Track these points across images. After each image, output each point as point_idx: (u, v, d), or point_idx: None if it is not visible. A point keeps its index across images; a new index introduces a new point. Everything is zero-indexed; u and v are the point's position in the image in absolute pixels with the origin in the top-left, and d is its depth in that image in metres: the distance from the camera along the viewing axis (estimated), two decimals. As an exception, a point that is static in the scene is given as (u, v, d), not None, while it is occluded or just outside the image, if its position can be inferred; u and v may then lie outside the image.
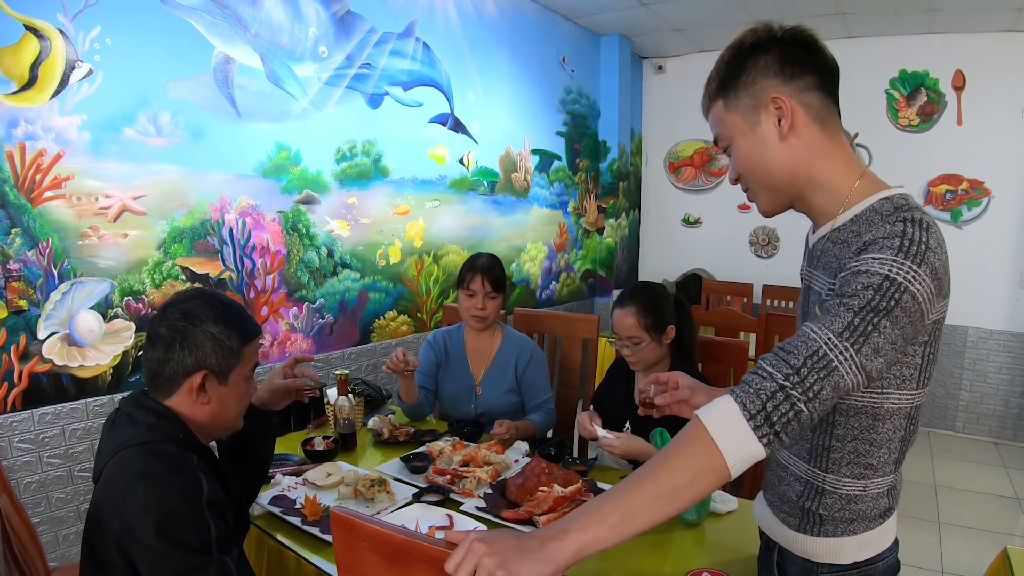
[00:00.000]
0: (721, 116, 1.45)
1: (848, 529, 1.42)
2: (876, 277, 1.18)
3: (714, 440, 1.16)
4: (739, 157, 1.44)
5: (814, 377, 1.16)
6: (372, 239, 4.50)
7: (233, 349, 1.65)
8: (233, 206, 3.64)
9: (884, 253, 1.19)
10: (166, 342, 1.59)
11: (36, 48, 2.85)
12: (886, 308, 1.17)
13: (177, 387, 1.61)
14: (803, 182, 1.41)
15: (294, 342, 4.05)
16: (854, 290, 1.20)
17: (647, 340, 2.69)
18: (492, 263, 3.13)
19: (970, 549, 4.10)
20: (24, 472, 2.93)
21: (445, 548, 1.06)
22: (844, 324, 1.18)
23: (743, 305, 6.24)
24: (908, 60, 6.21)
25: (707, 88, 1.47)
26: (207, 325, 1.61)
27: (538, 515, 2.03)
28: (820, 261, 1.43)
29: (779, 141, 1.38)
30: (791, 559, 1.52)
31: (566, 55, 6.46)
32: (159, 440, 1.51)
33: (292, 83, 3.87)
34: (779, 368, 1.18)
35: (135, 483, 1.41)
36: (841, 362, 1.17)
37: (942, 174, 6.18)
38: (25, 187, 2.86)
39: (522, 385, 3.19)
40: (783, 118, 1.36)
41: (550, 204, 6.38)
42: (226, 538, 1.45)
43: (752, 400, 1.17)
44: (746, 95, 1.39)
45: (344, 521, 1.17)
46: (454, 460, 2.50)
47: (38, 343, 2.94)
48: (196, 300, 1.66)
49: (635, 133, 7.52)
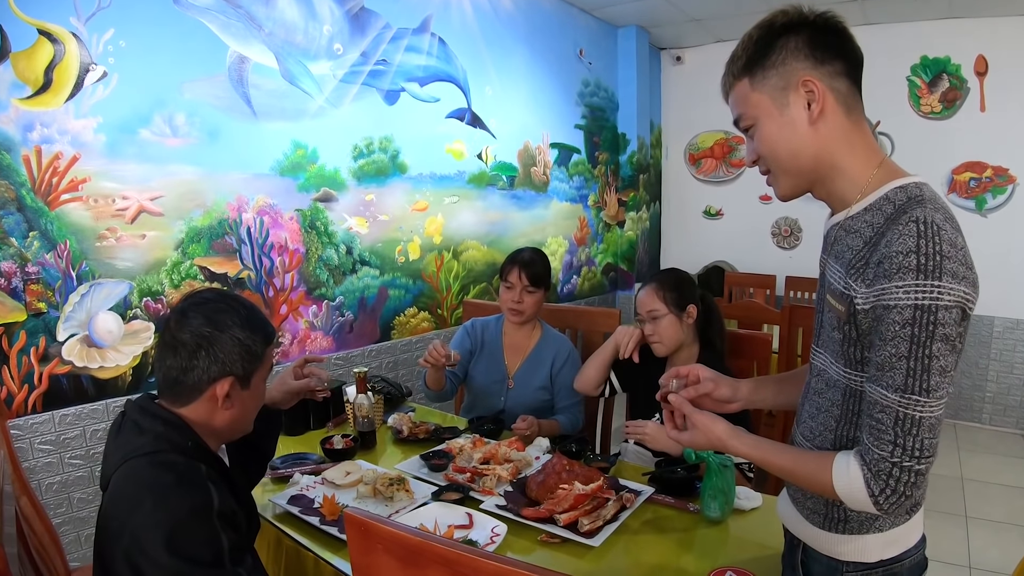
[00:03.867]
0: (746, 95, 1.42)
1: (874, 526, 1.39)
2: (907, 311, 1.20)
3: (837, 491, 1.32)
4: (763, 138, 1.42)
5: (911, 440, 1.23)
6: (391, 236, 4.49)
7: (257, 353, 1.61)
8: (250, 205, 3.64)
9: (906, 278, 1.19)
10: (191, 349, 1.52)
11: (50, 52, 2.85)
12: (930, 335, 1.19)
13: (199, 395, 1.55)
14: (826, 168, 1.39)
15: (314, 340, 4.05)
16: (894, 333, 1.22)
17: (665, 312, 2.68)
18: (533, 258, 3.12)
19: (997, 543, 4.04)
20: (45, 473, 2.94)
21: (460, 550, 1.04)
22: (904, 375, 1.22)
23: (766, 297, 6.19)
24: (929, 46, 6.11)
25: (731, 66, 1.44)
26: (234, 331, 1.56)
27: (559, 513, 2.00)
28: (833, 249, 1.42)
29: (808, 125, 1.36)
30: (816, 557, 1.49)
31: (583, 47, 6.42)
32: (166, 450, 1.46)
33: (307, 81, 3.86)
34: (883, 448, 1.25)
35: (143, 497, 1.36)
36: (922, 409, 1.22)
37: (966, 161, 6.07)
38: (42, 190, 2.87)
39: (555, 384, 3.16)
40: (814, 102, 1.34)
41: (570, 198, 6.35)
42: (238, 548, 1.42)
43: (875, 482, 1.26)
44: (775, 75, 1.37)
45: (359, 523, 1.15)
46: (474, 458, 2.47)
47: (58, 345, 2.95)
48: (218, 303, 1.60)
49: (654, 125, 7.46)
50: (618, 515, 2.07)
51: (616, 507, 2.07)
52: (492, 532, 1.97)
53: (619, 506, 2.09)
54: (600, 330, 3.40)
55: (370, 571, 1.15)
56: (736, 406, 1.81)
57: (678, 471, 2.31)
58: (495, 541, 1.92)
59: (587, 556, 1.92)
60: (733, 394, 1.80)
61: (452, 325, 4.99)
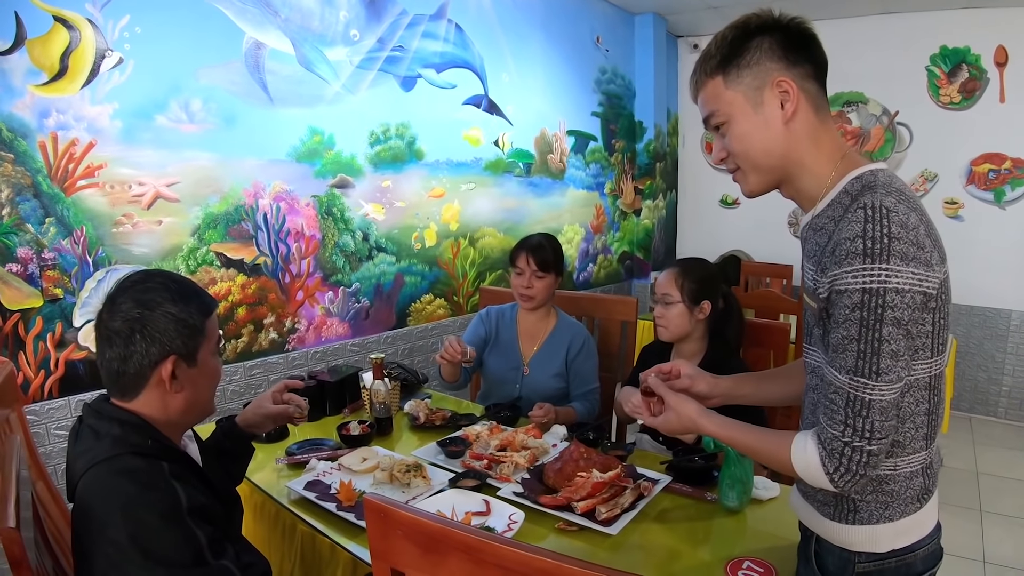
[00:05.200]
0: (719, 93, 1.46)
1: (884, 515, 1.40)
2: (855, 295, 1.24)
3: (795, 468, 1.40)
4: (736, 136, 1.46)
5: (861, 421, 1.28)
6: (407, 222, 4.48)
7: (196, 326, 1.53)
8: (267, 191, 3.64)
9: (853, 263, 1.24)
10: (124, 336, 1.45)
11: (66, 38, 2.85)
12: (879, 319, 1.23)
13: (145, 383, 1.49)
14: (794, 165, 1.45)
15: (330, 326, 4.05)
16: (844, 316, 1.27)
17: (677, 300, 2.66)
18: (542, 242, 3.10)
19: (1012, 538, 4.01)
20: (61, 459, 2.94)
21: (482, 537, 1.03)
22: (854, 358, 1.27)
23: (782, 287, 6.13)
24: (949, 36, 6.02)
25: (704, 64, 1.48)
26: (165, 307, 1.48)
27: (576, 501, 1.99)
28: (805, 249, 1.49)
29: (782, 123, 1.41)
30: (828, 548, 1.50)
31: (600, 35, 6.38)
32: (125, 454, 1.41)
33: (324, 67, 3.85)
34: (835, 428, 1.31)
35: (110, 513, 1.32)
36: (871, 392, 1.26)
37: (984, 153, 5.98)
38: (58, 177, 2.87)
39: (570, 372, 3.15)
40: (787, 101, 1.40)
41: (586, 186, 6.33)
42: (217, 540, 1.39)
43: (829, 460, 1.32)
44: (749, 74, 1.42)
45: (378, 508, 1.13)
46: (491, 445, 2.47)
47: (74, 331, 2.96)
48: (145, 282, 1.52)
49: (671, 113, 7.41)
50: (636, 503, 2.05)
51: (634, 495, 2.06)
52: (509, 519, 1.96)
53: (637, 494, 2.07)
54: (617, 318, 3.39)
55: (389, 557, 1.14)
56: (715, 402, 1.86)
57: (696, 460, 2.30)
58: (512, 528, 1.92)
59: (604, 544, 1.91)
60: (710, 390, 1.86)
61: (468, 312, 4.98)
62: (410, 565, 1.12)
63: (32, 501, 1.59)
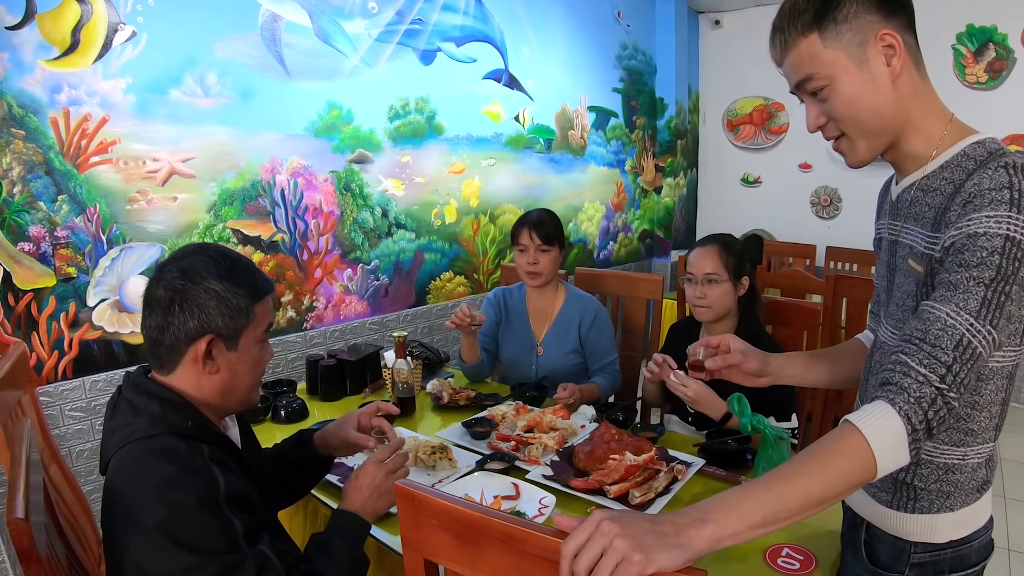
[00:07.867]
0: (816, 53, 1.27)
1: (944, 505, 1.33)
2: (997, 240, 1.12)
3: (875, 456, 1.08)
4: (842, 100, 1.28)
5: (965, 371, 1.11)
6: (427, 199, 4.42)
7: (242, 308, 1.45)
8: (284, 167, 3.57)
9: (998, 209, 1.12)
10: (164, 305, 1.40)
11: (77, 12, 2.80)
12: (1014, 272, 1.12)
13: (180, 357, 1.42)
14: (904, 126, 1.31)
15: (348, 304, 3.99)
16: (980, 258, 1.13)
17: (725, 279, 2.56)
18: (542, 216, 3.01)
19: (1034, 525, 3.93)
20: (76, 440, 2.91)
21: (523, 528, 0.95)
22: (979, 301, 1.12)
23: (806, 267, 6.05)
24: (975, 14, 5.86)
25: (793, 21, 1.29)
26: (209, 282, 1.41)
27: (609, 484, 1.92)
28: (910, 212, 1.34)
29: (890, 81, 1.26)
30: (881, 537, 1.43)
31: (621, 9, 6.26)
32: (165, 433, 1.36)
33: (342, 40, 3.77)
34: (933, 369, 1.11)
35: (144, 492, 1.27)
36: (984, 345, 1.12)
37: (1012, 134, 5.81)
38: (71, 153, 2.82)
39: (586, 346, 3.07)
40: (894, 56, 1.25)
41: (607, 163, 6.23)
42: (253, 530, 1.34)
43: (915, 412, 1.09)
44: (848, 29, 1.24)
45: (410, 495, 1.06)
46: (518, 425, 2.40)
47: (88, 310, 2.91)
48: (197, 255, 1.46)
49: (692, 90, 7.29)
50: (670, 487, 1.98)
51: (668, 479, 1.99)
52: (540, 503, 1.90)
53: (671, 478, 2.00)
54: (642, 296, 3.31)
55: (422, 547, 1.07)
56: (765, 381, 1.75)
57: (729, 442, 2.22)
58: (543, 513, 1.85)
59: (640, 530, 1.83)
60: (762, 368, 1.74)
61: (488, 290, 4.90)
62: (446, 557, 1.05)
63: (44, 485, 1.52)
